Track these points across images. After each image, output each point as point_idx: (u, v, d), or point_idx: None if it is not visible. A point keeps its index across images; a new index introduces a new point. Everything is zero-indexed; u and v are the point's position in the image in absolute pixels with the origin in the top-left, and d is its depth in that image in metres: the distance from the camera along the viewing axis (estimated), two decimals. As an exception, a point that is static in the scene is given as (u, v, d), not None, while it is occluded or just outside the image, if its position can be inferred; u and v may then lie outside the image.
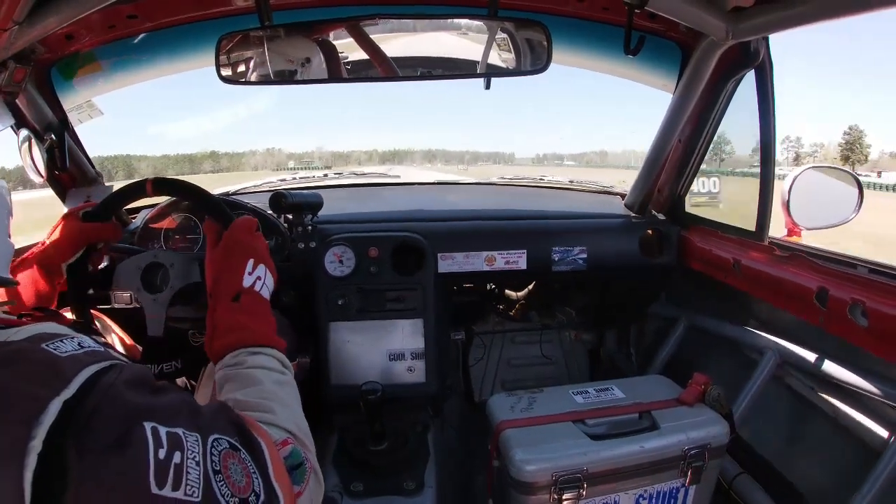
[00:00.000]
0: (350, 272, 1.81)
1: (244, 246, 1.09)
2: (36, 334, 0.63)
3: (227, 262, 1.06)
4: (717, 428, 1.50)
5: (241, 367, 0.92)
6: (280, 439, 0.80)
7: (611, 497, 1.48)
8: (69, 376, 0.58)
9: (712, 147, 1.92)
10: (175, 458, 0.60)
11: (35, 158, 1.75)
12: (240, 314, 1.00)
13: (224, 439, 0.68)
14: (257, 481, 0.69)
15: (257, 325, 1.00)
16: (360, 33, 1.54)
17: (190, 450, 0.62)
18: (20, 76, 1.52)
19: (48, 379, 0.56)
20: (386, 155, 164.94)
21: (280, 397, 0.89)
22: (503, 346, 2.58)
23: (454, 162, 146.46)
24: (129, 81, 2.03)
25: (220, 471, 0.64)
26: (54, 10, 1.23)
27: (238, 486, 0.65)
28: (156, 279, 1.34)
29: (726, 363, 1.90)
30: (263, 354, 0.95)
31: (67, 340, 0.63)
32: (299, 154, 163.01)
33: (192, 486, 0.60)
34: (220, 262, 1.07)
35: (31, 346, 0.61)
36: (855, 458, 1.41)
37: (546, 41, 1.46)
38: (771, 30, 1.41)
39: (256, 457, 0.71)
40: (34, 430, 0.52)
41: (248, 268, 1.05)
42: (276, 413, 0.84)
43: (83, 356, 0.62)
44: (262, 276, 1.07)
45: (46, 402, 0.54)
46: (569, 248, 1.95)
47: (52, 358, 0.59)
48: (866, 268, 1.33)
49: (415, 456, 1.69)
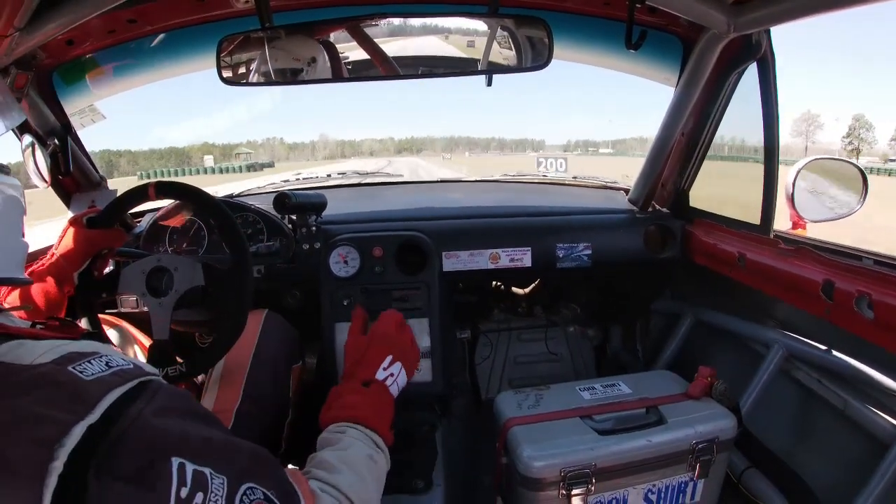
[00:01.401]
0: (355, 272, 1.80)
1: (389, 339, 1.16)
2: (64, 355, 0.63)
3: (369, 351, 1.12)
4: (724, 421, 1.50)
5: (341, 434, 0.95)
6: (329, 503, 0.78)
7: (619, 492, 1.48)
8: (94, 401, 0.58)
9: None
10: (197, 499, 0.60)
11: (39, 164, 1.75)
12: (365, 397, 1.05)
13: (259, 490, 0.66)
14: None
15: (376, 413, 1.03)
16: (360, 33, 1.54)
17: (214, 492, 0.62)
18: (22, 82, 1.53)
19: (73, 404, 0.57)
20: (403, 144, 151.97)
21: (357, 468, 0.89)
22: (509, 344, 2.58)
23: (478, 150, 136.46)
24: (130, 85, 2.04)
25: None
26: (55, 16, 1.23)
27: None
28: (160, 283, 1.34)
29: (733, 357, 1.90)
30: (370, 437, 0.98)
31: (95, 361, 0.64)
32: (301, 144, 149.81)
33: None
34: (363, 350, 1.13)
35: (58, 369, 0.61)
36: (863, 451, 1.41)
37: (547, 37, 1.46)
38: (772, 22, 1.41)
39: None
40: (56, 451, 0.53)
41: (385, 363, 1.11)
42: (344, 475, 0.84)
43: (110, 378, 0.62)
44: (395, 374, 1.12)
45: (70, 427, 0.55)
46: (573, 244, 1.95)
47: (78, 382, 0.60)
48: (871, 260, 1.32)
49: (423, 455, 1.69)
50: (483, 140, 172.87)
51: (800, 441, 1.63)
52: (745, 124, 1.74)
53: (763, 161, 1.64)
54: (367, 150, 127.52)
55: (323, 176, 2.93)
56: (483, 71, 1.59)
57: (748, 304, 1.84)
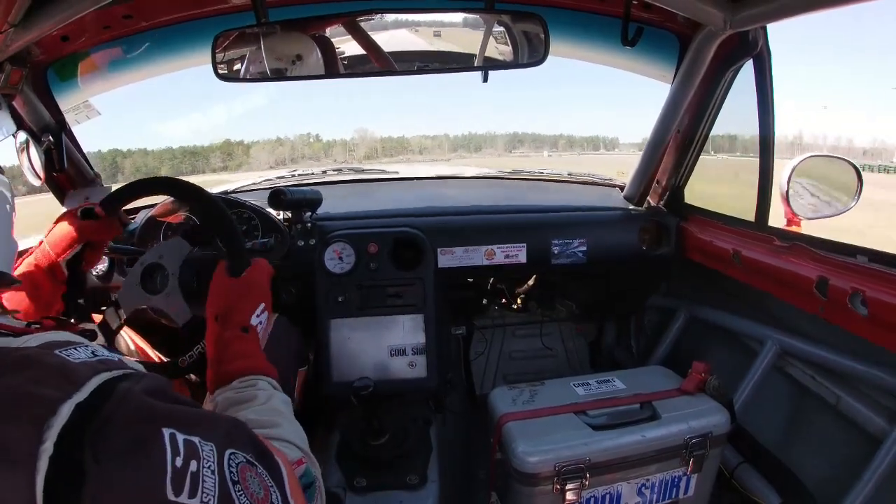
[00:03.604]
0: (350, 269, 1.81)
1: (261, 290, 1.15)
2: (49, 341, 0.64)
3: (246, 297, 1.11)
4: (717, 417, 1.51)
5: (253, 388, 0.96)
6: (295, 458, 0.82)
7: (613, 487, 1.49)
8: (81, 381, 0.58)
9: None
10: (192, 467, 0.60)
11: (33, 160, 1.75)
12: (247, 344, 1.05)
13: (241, 454, 0.68)
14: (275, 495, 0.70)
15: (259, 358, 1.05)
16: (356, 28, 1.54)
17: (206, 459, 0.62)
18: (16, 78, 1.52)
19: (59, 382, 0.56)
20: (458, 140, 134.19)
21: (286, 416, 0.93)
22: (504, 340, 2.59)
23: (546, 147, 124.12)
24: (125, 81, 2.03)
25: (238, 481, 0.65)
26: (49, 11, 1.23)
27: (257, 498, 0.66)
28: (155, 283, 1.34)
29: (727, 354, 1.91)
30: (266, 381, 1.00)
31: (81, 349, 0.64)
32: (338, 143, 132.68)
33: (207, 494, 0.60)
34: (239, 294, 1.12)
35: (44, 351, 0.61)
36: (855, 447, 1.42)
37: (543, 33, 1.46)
38: (769, 19, 1.41)
39: (274, 474, 0.72)
40: (45, 433, 0.52)
41: (259, 310, 1.11)
42: (285, 428, 0.88)
43: (96, 363, 0.62)
44: (263, 322, 1.12)
45: (57, 405, 0.54)
46: (568, 240, 1.95)
47: (65, 363, 0.60)
48: (866, 256, 1.33)
49: (417, 450, 1.70)
50: (550, 137, 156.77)
51: (793, 436, 1.65)
52: (741, 120, 1.75)
53: (758, 157, 1.65)
54: (416, 146, 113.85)
55: (318, 172, 2.92)
56: (479, 67, 1.59)
57: (742, 301, 1.85)
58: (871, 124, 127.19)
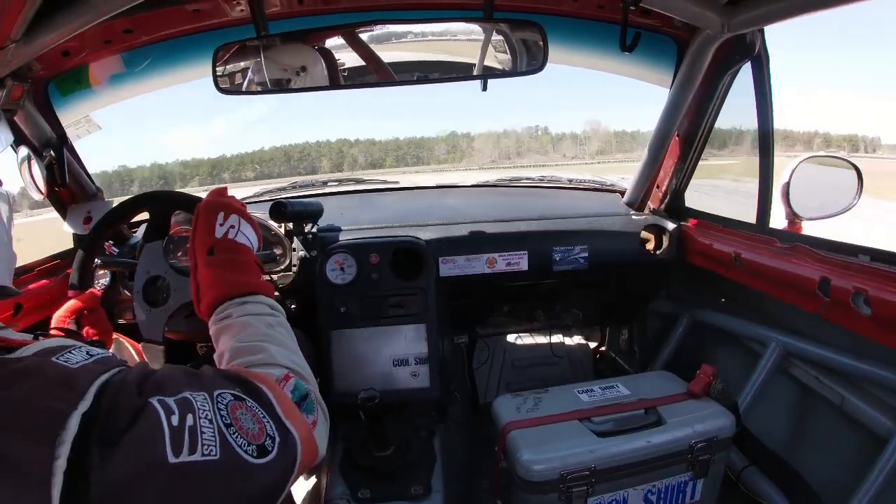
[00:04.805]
0: (352, 279, 1.81)
1: (212, 203, 1.04)
2: (44, 348, 0.63)
3: (199, 223, 1.02)
4: (722, 421, 1.51)
5: (230, 318, 0.91)
6: (280, 375, 0.80)
7: (619, 493, 1.48)
8: (84, 389, 0.58)
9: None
10: (188, 421, 0.61)
11: (35, 175, 1.75)
12: (217, 268, 0.97)
13: (227, 392, 0.69)
14: (269, 425, 0.70)
15: (238, 275, 0.97)
16: (355, 40, 1.55)
17: (200, 408, 0.63)
18: (18, 94, 1.53)
19: (62, 392, 0.56)
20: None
21: (274, 338, 0.88)
22: (507, 348, 2.59)
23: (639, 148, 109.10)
24: (126, 95, 2.04)
25: (231, 423, 0.65)
26: (51, 26, 1.23)
27: (252, 434, 0.67)
28: (159, 295, 1.35)
29: (730, 357, 1.91)
30: (251, 303, 0.94)
31: (76, 351, 0.64)
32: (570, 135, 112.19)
33: (208, 445, 0.61)
34: (196, 221, 1.03)
35: (42, 360, 0.60)
36: (861, 447, 1.41)
37: (542, 41, 1.46)
38: (766, 21, 1.42)
39: (262, 402, 0.72)
40: (57, 449, 0.52)
41: (219, 220, 1.02)
42: (271, 353, 0.84)
43: (94, 365, 0.62)
44: (235, 225, 1.02)
45: (66, 418, 0.54)
46: (569, 247, 1.96)
47: (65, 371, 0.60)
48: (868, 256, 1.33)
49: (421, 461, 1.69)
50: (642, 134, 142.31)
51: (798, 438, 1.64)
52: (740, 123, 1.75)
53: (758, 159, 1.66)
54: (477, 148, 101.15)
55: (319, 183, 2.92)
56: (478, 76, 1.60)
57: (745, 304, 1.85)
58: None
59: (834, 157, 1.74)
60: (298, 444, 0.73)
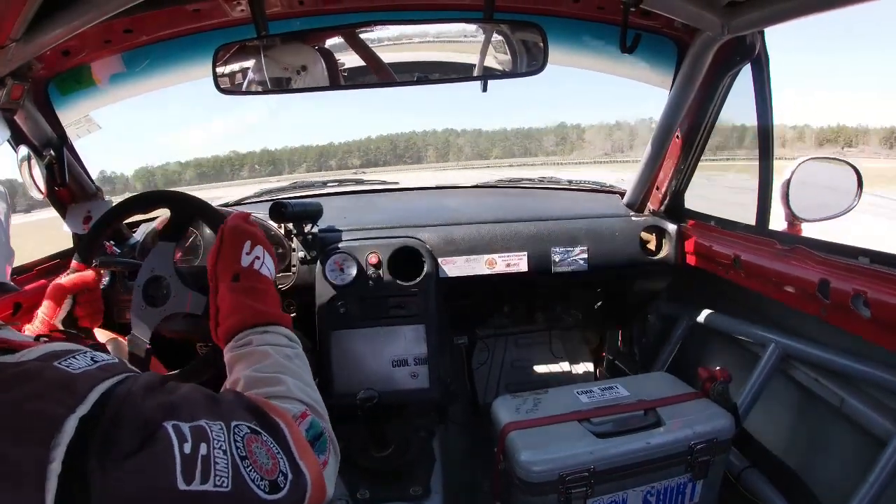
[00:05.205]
0: (351, 280, 1.81)
1: (238, 229, 1.07)
2: (48, 352, 0.62)
3: (224, 247, 1.05)
4: (722, 422, 1.51)
5: (250, 345, 0.92)
6: (298, 412, 0.79)
7: (619, 495, 1.48)
8: (83, 393, 0.57)
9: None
10: (202, 450, 0.60)
11: (35, 175, 1.75)
12: (241, 294, 0.99)
13: (244, 425, 0.68)
14: (283, 461, 0.69)
15: (260, 304, 0.99)
16: (356, 40, 1.55)
17: (216, 439, 0.62)
18: (18, 93, 1.53)
19: (61, 396, 0.56)
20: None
21: (291, 370, 0.89)
22: (506, 349, 2.59)
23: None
24: (126, 95, 2.04)
25: (246, 456, 0.64)
26: (51, 26, 1.23)
27: (266, 469, 0.66)
28: (159, 295, 1.34)
29: (730, 358, 1.91)
30: (270, 333, 0.95)
31: (80, 356, 0.63)
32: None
33: (220, 476, 0.60)
34: (220, 244, 1.06)
35: (43, 364, 0.60)
36: (860, 449, 1.42)
37: (542, 42, 1.47)
38: (766, 23, 1.42)
39: (278, 438, 0.71)
40: (52, 451, 0.51)
41: (246, 248, 1.04)
42: (288, 385, 0.84)
43: (97, 371, 0.61)
44: (260, 256, 1.05)
45: (62, 421, 0.53)
46: (569, 248, 1.96)
47: (65, 375, 0.59)
48: (867, 258, 1.33)
49: (420, 461, 1.69)
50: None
51: (797, 439, 1.64)
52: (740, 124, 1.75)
53: (758, 161, 1.66)
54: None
55: (319, 183, 2.92)
56: (478, 77, 1.60)
57: (744, 305, 1.85)
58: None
59: (833, 159, 1.74)
60: (309, 484, 0.72)
